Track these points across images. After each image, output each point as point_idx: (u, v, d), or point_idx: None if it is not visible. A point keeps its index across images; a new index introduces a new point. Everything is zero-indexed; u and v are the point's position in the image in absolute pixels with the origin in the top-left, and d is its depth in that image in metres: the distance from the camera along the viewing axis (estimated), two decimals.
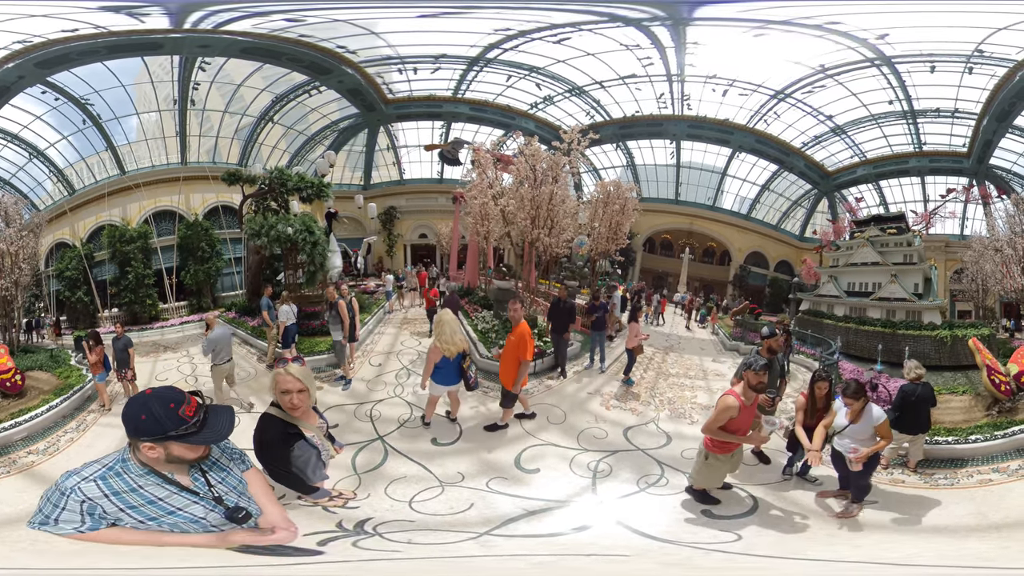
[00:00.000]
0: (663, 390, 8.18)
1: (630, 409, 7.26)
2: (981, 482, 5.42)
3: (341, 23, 11.08)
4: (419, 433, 6.13)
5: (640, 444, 6.12)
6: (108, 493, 1.98)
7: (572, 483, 5.16)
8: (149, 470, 2.07)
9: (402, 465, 5.36)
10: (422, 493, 4.81)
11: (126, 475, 2.03)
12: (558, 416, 6.88)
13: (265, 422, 3.50)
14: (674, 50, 10.83)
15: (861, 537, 4.33)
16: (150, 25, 10.54)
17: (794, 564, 3.66)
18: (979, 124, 10.64)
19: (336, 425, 6.22)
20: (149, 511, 2.05)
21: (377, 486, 4.88)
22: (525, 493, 4.90)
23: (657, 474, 5.36)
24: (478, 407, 7.02)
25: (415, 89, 13.51)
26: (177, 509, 2.12)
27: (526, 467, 5.47)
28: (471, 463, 5.48)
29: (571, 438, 6.23)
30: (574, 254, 13.98)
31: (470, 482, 5.05)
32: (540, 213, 9.57)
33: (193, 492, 2.15)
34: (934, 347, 10.29)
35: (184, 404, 2.05)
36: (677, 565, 3.47)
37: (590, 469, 5.45)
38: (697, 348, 11.44)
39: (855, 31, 9.89)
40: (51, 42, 10.30)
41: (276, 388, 3.46)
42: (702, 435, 4.50)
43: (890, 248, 11.82)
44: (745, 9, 9.00)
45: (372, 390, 7.61)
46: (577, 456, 5.74)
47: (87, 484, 1.97)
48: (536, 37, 10.90)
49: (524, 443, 6.02)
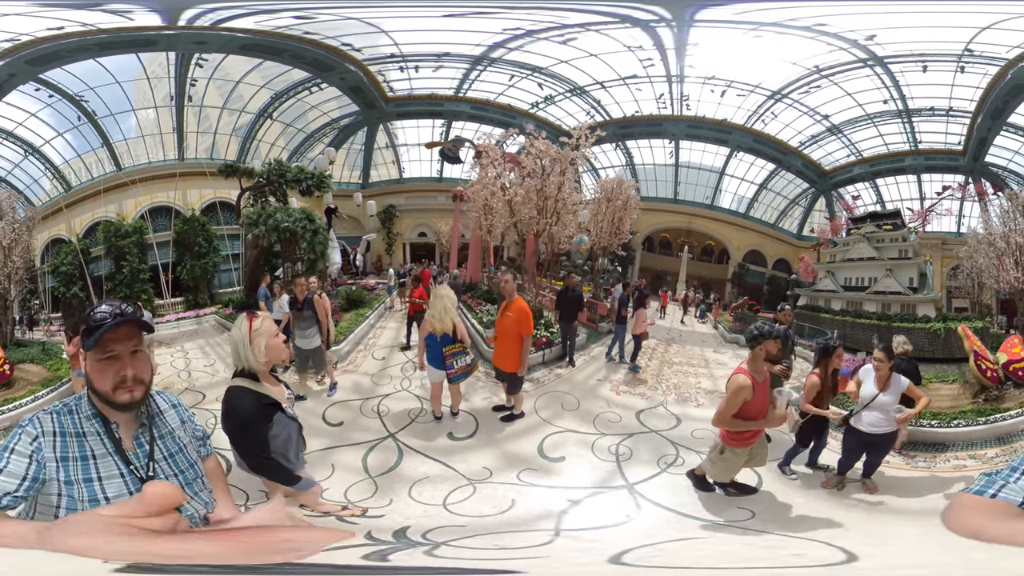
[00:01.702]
0: (668, 376, 8.43)
1: (639, 394, 7.42)
2: (956, 467, 5.43)
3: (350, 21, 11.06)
4: (432, 428, 5.92)
5: (653, 426, 6.26)
6: (58, 430, 1.67)
7: (599, 468, 5.19)
8: (96, 412, 1.73)
9: (421, 464, 5.10)
10: (454, 494, 4.56)
11: (76, 414, 1.72)
12: (572, 403, 6.90)
13: (237, 397, 2.93)
14: (675, 51, 10.99)
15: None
16: (140, 22, 10.44)
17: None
18: (973, 122, 10.88)
19: (341, 423, 6.05)
20: (82, 468, 1.64)
21: (398, 489, 4.60)
22: (559, 483, 4.83)
23: (673, 454, 5.51)
24: (491, 398, 6.94)
25: (416, 87, 13.54)
26: (101, 477, 1.66)
27: (550, 455, 5.41)
28: (494, 456, 5.35)
29: (588, 423, 6.26)
30: (574, 252, 14.05)
31: (500, 477, 4.90)
32: (548, 204, 9.62)
33: (126, 461, 1.72)
34: (927, 339, 10.49)
35: (103, 303, 1.78)
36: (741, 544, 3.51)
37: (612, 453, 5.48)
38: (698, 340, 11.78)
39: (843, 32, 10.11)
40: (40, 40, 10.18)
41: (267, 335, 2.93)
42: (716, 427, 4.14)
43: (885, 244, 12.07)
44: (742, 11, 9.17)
45: (377, 384, 7.41)
46: (597, 440, 5.76)
47: (45, 416, 1.69)
48: (543, 37, 11.00)
49: (542, 431, 5.97)
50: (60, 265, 12.06)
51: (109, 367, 1.72)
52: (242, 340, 2.95)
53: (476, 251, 13.49)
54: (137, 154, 12.82)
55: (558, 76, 12.76)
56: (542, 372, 8.14)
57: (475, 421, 6.10)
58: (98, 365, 1.72)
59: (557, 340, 8.88)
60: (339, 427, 5.95)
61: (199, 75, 12.48)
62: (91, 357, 1.72)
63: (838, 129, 12.31)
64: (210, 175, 13.15)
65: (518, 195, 10.02)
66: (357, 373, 8.00)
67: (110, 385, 1.72)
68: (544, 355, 8.66)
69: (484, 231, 11.97)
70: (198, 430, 2.09)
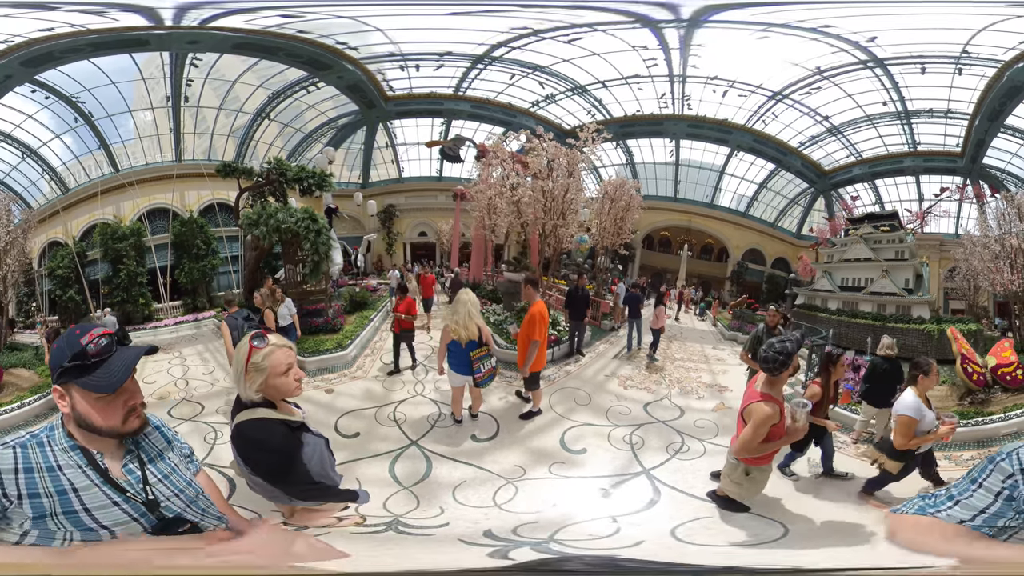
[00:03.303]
0: (671, 371, 8.95)
1: (645, 388, 7.92)
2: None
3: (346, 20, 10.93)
4: (454, 432, 5.95)
5: (659, 417, 6.76)
6: (21, 467, 1.50)
7: (619, 456, 5.55)
8: (75, 445, 1.59)
9: (454, 469, 5.09)
10: (499, 494, 4.63)
11: (49, 447, 1.56)
12: (584, 398, 7.32)
13: (259, 429, 2.48)
14: (679, 51, 11.00)
15: None
16: (126, 22, 10.24)
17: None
18: (971, 124, 11.02)
19: (357, 434, 5.98)
20: (60, 502, 1.52)
21: (441, 496, 4.57)
22: (588, 473, 5.14)
23: (679, 442, 5.95)
24: (506, 397, 7.10)
25: (416, 86, 13.43)
26: (91, 508, 1.56)
27: (573, 448, 5.71)
28: (521, 454, 5.51)
29: (601, 416, 6.67)
30: (575, 250, 14.11)
31: (533, 473, 5.08)
32: (555, 205, 9.74)
33: (120, 490, 1.61)
34: (921, 340, 10.68)
35: (89, 332, 1.61)
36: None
37: (627, 442, 5.86)
38: (698, 337, 12.08)
39: (846, 34, 10.19)
40: (34, 40, 9.99)
41: (270, 373, 2.43)
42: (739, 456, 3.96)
43: (882, 245, 12.25)
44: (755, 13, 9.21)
45: (390, 390, 7.35)
46: (612, 432, 6.14)
47: (3, 451, 1.51)
48: (547, 36, 10.95)
49: (561, 426, 6.25)
50: (56, 268, 11.89)
51: (116, 400, 1.62)
52: (237, 367, 2.49)
53: (479, 250, 13.51)
54: (135, 155, 12.63)
55: (559, 75, 12.74)
56: (552, 370, 8.42)
57: (495, 421, 6.20)
58: (102, 401, 1.59)
59: (564, 337, 9.36)
60: (356, 438, 5.85)
61: (194, 75, 12.30)
62: (90, 395, 1.59)
63: (838, 130, 12.42)
64: (208, 176, 13.01)
65: (525, 196, 10.07)
66: (367, 379, 7.95)
67: (119, 419, 1.62)
68: (552, 352, 8.91)
69: (488, 230, 12.00)
70: (184, 448, 2.02)
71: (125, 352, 1.65)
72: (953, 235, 11.88)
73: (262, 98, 13.40)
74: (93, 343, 1.58)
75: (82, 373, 1.57)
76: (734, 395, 7.77)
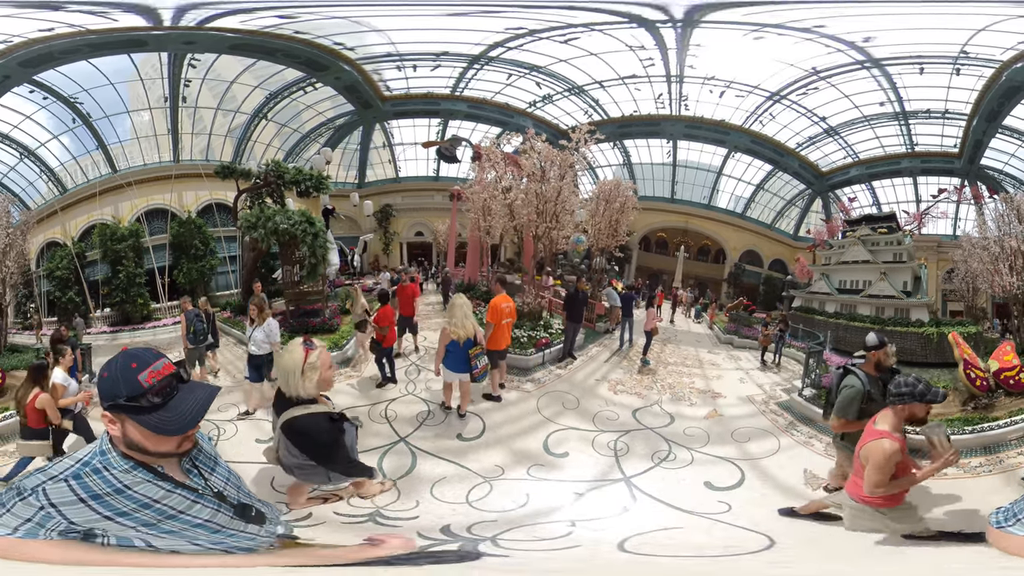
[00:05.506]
0: (663, 376, 8.85)
1: (635, 393, 7.83)
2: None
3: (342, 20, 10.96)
4: (442, 431, 6.14)
5: (648, 423, 6.71)
6: (86, 496, 1.46)
7: (600, 462, 5.59)
8: (134, 463, 1.56)
9: (436, 465, 5.35)
10: (472, 492, 4.83)
11: (107, 472, 1.52)
12: (572, 401, 7.29)
13: (312, 423, 3.09)
14: (676, 51, 10.96)
15: None
16: (125, 23, 10.30)
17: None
18: (969, 125, 10.92)
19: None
20: (144, 516, 1.53)
21: (420, 491, 4.81)
22: (564, 476, 5.22)
23: (666, 450, 5.92)
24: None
25: (412, 86, 13.44)
26: (178, 512, 1.60)
27: (555, 451, 5.78)
28: (503, 454, 5.62)
29: (588, 421, 6.67)
30: (571, 251, 14.08)
31: (511, 473, 5.22)
32: (548, 208, 9.71)
33: (191, 489, 1.66)
34: (920, 343, 10.58)
35: (148, 368, 1.54)
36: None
37: (610, 448, 5.87)
38: (693, 341, 11.97)
39: (841, 34, 10.12)
40: (32, 41, 10.06)
41: (321, 371, 3.08)
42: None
43: (880, 247, 12.13)
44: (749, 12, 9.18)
45: (384, 389, 7.55)
46: (596, 437, 6.15)
47: (55, 486, 1.45)
48: (544, 36, 10.94)
49: (547, 429, 6.34)
50: (55, 269, 11.97)
51: (162, 442, 1.60)
52: (294, 370, 3.05)
53: (475, 251, 13.51)
54: (132, 156, 12.69)
55: (556, 75, 12.71)
56: (542, 373, 8.46)
57: (482, 421, 6.35)
58: (145, 438, 1.56)
59: (557, 341, 9.24)
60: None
61: (192, 76, 12.35)
62: (132, 422, 1.55)
63: (835, 131, 12.34)
64: (206, 177, 13.06)
65: (518, 198, 10.05)
66: (364, 378, 8.08)
67: (175, 445, 1.61)
68: (544, 356, 8.88)
69: (483, 232, 12.00)
70: (206, 440, 2.03)
71: (193, 392, 1.61)
72: (951, 236, 11.76)
73: (259, 98, 13.45)
74: (154, 382, 1.54)
75: (141, 412, 1.53)
76: (727, 401, 7.73)
